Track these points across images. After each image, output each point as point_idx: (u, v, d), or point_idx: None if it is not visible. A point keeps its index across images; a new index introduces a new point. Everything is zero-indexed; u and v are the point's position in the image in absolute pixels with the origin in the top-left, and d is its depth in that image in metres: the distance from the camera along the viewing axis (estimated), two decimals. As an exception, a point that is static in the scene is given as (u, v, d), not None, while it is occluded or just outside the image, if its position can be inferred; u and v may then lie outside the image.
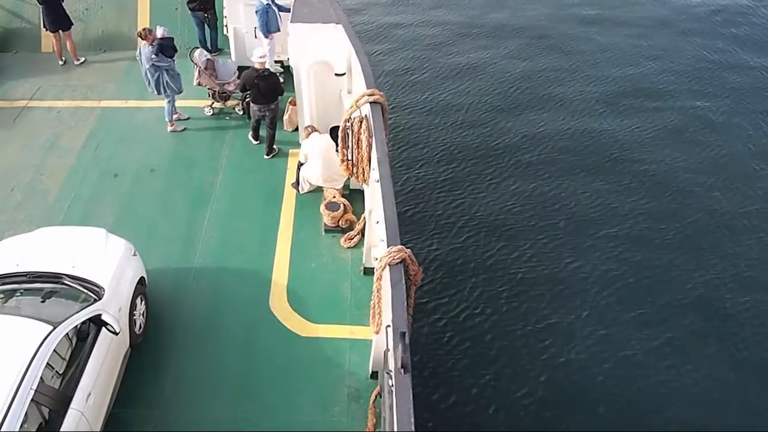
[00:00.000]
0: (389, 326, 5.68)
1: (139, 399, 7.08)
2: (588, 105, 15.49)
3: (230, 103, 11.75)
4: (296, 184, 9.74)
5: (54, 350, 5.95)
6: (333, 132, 9.28)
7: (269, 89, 10.12)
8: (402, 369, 4.95)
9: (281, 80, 10.85)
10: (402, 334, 5.09)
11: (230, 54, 12.62)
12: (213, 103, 11.68)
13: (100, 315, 6.56)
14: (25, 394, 5.52)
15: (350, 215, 9.22)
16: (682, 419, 9.03)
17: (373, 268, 6.61)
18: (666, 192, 12.89)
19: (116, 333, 6.64)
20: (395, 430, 4.90)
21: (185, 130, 11.31)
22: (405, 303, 5.61)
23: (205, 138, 11.18)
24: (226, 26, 12.80)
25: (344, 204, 9.21)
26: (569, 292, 10.78)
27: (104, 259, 7.34)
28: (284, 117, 11.18)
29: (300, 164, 9.59)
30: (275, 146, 10.66)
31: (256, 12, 11.23)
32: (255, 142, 10.90)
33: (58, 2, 12.54)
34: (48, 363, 5.85)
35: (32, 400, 5.57)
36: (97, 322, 6.56)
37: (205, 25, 12.86)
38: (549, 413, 9.11)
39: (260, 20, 11.27)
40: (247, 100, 10.91)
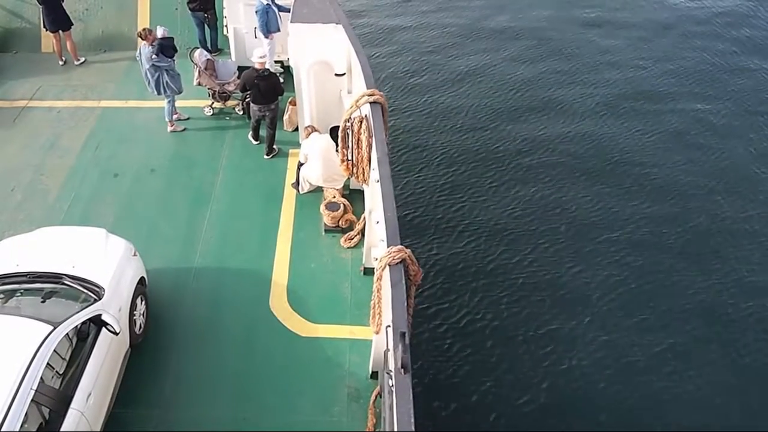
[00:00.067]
0: (389, 326, 5.68)
1: (139, 399, 7.08)
2: (589, 108, 15.46)
3: (230, 103, 11.75)
4: (296, 184, 9.74)
5: (54, 350, 5.95)
6: (333, 132, 9.27)
7: (269, 89, 10.12)
8: (402, 369, 4.94)
9: (281, 80, 10.86)
10: (402, 334, 5.08)
11: (230, 54, 12.63)
12: (213, 103, 11.68)
13: (100, 315, 6.56)
14: (26, 394, 5.52)
15: (350, 215, 9.22)
16: (685, 425, 9.00)
17: (373, 268, 6.61)
18: (667, 196, 12.83)
19: (116, 333, 6.64)
20: (395, 431, 4.89)
21: (185, 130, 11.31)
22: (405, 303, 5.60)
23: (205, 138, 11.18)
24: (226, 26, 12.80)
25: (344, 204, 9.21)
26: (570, 297, 10.74)
27: (104, 259, 7.34)
28: (284, 117, 11.18)
29: (300, 164, 9.59)
30: (275, 146, 10.66)
31: (256, 12, 11.23)
32: (255, 142, 10.90)
33: (58, 2, 12.53)
34: (48, 363, 5.85)
35: (32, 400, 5.56)
36: (97, 322, 6.56)
37: (205, 25, 12.86)
38: (549, 417, 9.08)
39: (260, 20, 11.27)
40: (247, 100, 10.91)
